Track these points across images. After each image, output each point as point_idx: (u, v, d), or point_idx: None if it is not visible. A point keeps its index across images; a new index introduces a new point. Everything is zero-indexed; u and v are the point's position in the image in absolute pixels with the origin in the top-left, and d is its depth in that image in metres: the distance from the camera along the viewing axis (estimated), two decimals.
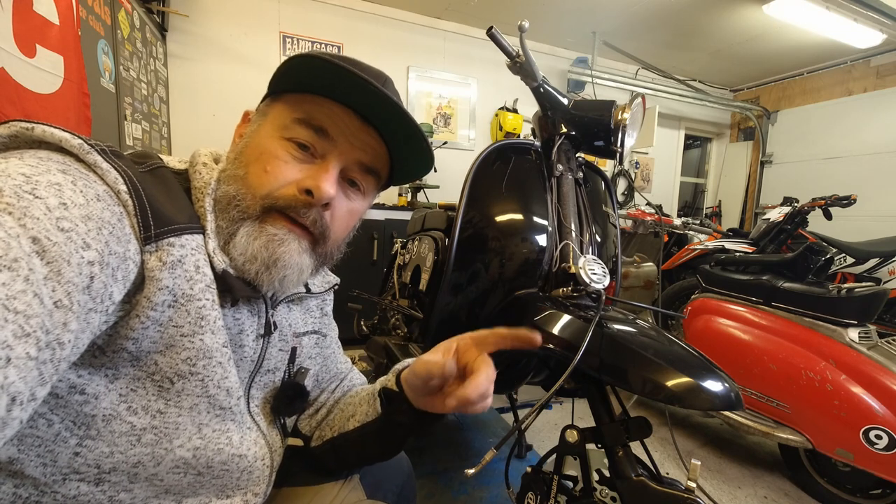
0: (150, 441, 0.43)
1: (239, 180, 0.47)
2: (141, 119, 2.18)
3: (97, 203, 0.36)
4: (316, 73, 0.47)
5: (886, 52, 3.62)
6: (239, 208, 0.47)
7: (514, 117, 3.49)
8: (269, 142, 0.48)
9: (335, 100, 0.49)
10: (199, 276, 0.43)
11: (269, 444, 0.55)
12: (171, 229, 0.41)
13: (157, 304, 0.40)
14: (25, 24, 1.19)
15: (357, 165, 0.51)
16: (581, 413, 1.10)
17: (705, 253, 2.65)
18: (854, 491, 1.43)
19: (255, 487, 0.55)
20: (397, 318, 1.59)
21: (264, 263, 0.47)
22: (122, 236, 0.37)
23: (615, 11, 3.26)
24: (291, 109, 0.49)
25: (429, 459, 1.57)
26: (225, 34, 2.87)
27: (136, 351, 0.41)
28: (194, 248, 0.43)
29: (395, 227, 2.76)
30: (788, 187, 4.25)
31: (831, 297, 1.45)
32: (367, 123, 0.51)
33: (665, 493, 0.66)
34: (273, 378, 0.57)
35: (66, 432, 0.39)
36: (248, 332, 0.51)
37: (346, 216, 0.53)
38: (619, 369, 0.68)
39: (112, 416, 0.41)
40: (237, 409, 0.50)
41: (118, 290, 0.37)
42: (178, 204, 0.45)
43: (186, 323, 0.42)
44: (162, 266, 0.40)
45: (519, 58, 0.94)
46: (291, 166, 0.48)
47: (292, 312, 0.59)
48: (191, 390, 0.45)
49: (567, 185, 0.97)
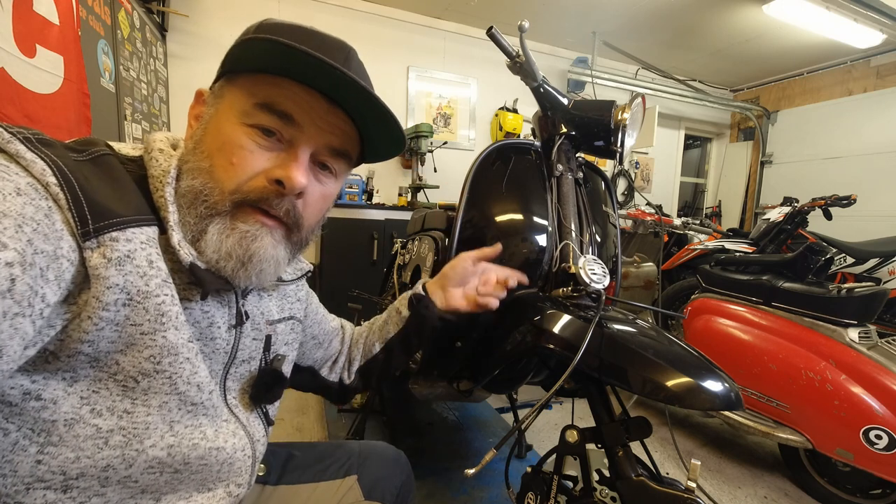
0: (118, 443, 0.42)
1: (204, 173, 0.45)
2: (141, 119, 2.18)
3: (16, 198, 0.33)
4: (273, 54, 0.44)
5: (886, 52, 3.62)
6: (206, 204, 0.44)
7: (514, 117, 3.49)
8: (230, 129, 0.45)
9: (297, 80, 0.46)
10: (154, 272, 0.41)
11: (248, 434, 0.55)
12: (112, 223, 0.38)
13: (108, 303, 0.38)
14: (25, 24, 1.19)
15: (327, 149, 0.49)
16: (581, 413, 1.10)
17: (705, 253, 2.65)
18: (854, 491, 1.43)
19: (236, 478, 0.54)
20: None
21: (240, 260, 0.45)
22: (51, 233, 0.35)
23: (615, 11, 3.26)
24: (250, 93, 0.46)
25: (429, 459, 1.57)
26: (225, 34, 2.86)
27: (93, 352, 0.39)
28: (143, 241, 0.41)
29: (395, 227, 2.76)
30: (788, 187, 4.25)
31: (831, 297, 1.45)
32: (334, 104, 0.48)
33: (665, 493, 0.66)
34: (249, 368, 0.56)
35: (25, 440, 0.38)
36: (218, 323, 0.49)
37: (319, 201, 0.51)
38: (619, 369, 0.68)
39: (74, 420, 0.39)
40: (209, 404, 0.49)
41: (52, 292, 0.35)
42: (124, 195, 0.41)
43: (146, 321, 0.40)
44: (107, 263, 0.38)
45: (519, 58, 0.94)
46: (258, 155, 0.45)
47: (263, 300, 0.58)
48: (158, 388, 0.43)
49: (567, 185, 0.97)
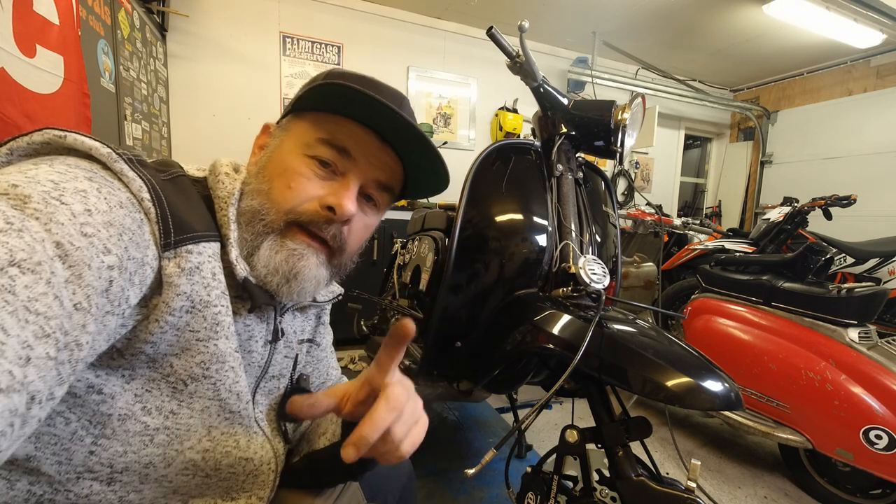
0: (162, 441, 0.44)
1: (263, 195, 0.49)
2: (141, 119, 2.18)
3: (119, 210, 0.37)
4: (340, 97, 0.49)
5: (886, 52, 3.62)
6: (263, 222, 0.48)
7: (514, 117, 3.49)
8: (292, 158, 0.50)
9: (356, 120, 0.51)
10: (216, 283, 0.45)
11: (273, 448, 0.56)
12: (190, 237, 0.43)
13: (175, 309, 0.41)
14: (25, 24, 1.19)
15: (374, 183, 0.54)
16: (581, 413, 1.10)
17: (705, 253, 2.65)
18: (854, 491, 1.43)
19: (259, 491, 0.56)
20: (397, 318, 1.59)
21: (285, 276, 0.49)
22: (142, 242, 0.39)
23: (615, 11, 3.25)
24: (315, 129, 0.51)
25: (429, 459, 1.57)
26: (225, 34, 2.87)
27: (153, 353, 0.42)
28: (210, 255, 0.45)
29: (395, 227, 2.76)
30: (788, 187, 4.25)
31: (831, 297, 1.45)
32: (385, 143, 0.53)
33: (665, 493, 0.66)
34: (277, 384, 0.58)
35: (83, 431, 0.40)
36: (256, 338, 0.52)
37: (362, 230, 0.55)
38: (619, 369, 0.68)
39: (127, 416, 0.42)
40: (245, 414, 0.51)
41: (134, 294, 0.38)
42: (197, 212, 0.46)
43: (203, 328, 0.44)
44: (180, 272, 0.41)
45: (519, 58, 0.94)
46: (314, 183, 0.50)
47: (297, 319, 0.61)
48: (203, 393, 0.46)
49: (567, 185, 0.97)
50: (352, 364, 2.47)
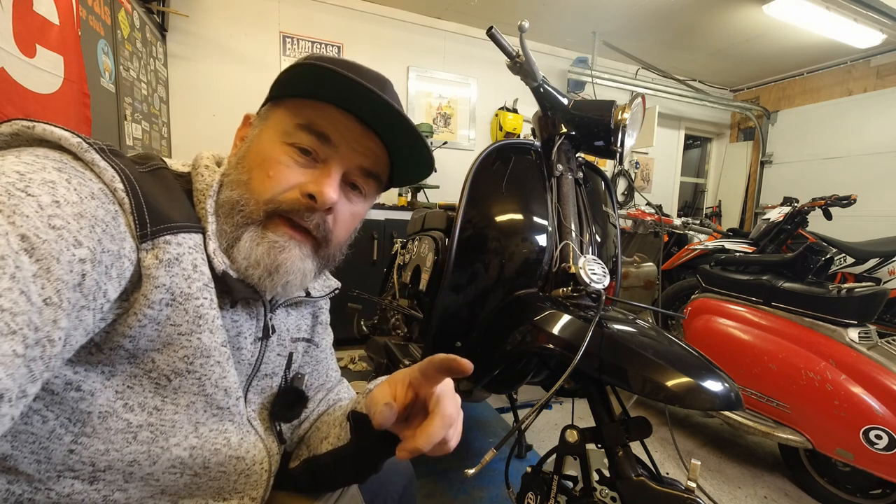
0: (145, 439, 0.43)
1: (242, 185, 0.48)
2: (141, 119, 2.18)
3: (91, 201, 0.36)
4: (318, 81, 0.48)
5: (886, 52, 3.62)
6: (243, 213, 0.47)
7: (514, 117, 3.49)
8: (271, 147, 0.49)
9: (336, 105, 0.49)
10: (197, 275, 0.43)
11: (266, 448, 0.55)
12: (167, 227, 0.41)
13: (154, 302, 0.40)
14: (25, 24, 1.19)
15: (358, 170, 0.52)
16: (581, 413, 1.10)
17: (705, 253, 2.65)
18: (854, 491, 1.43)
19: (252, 491, 0.54)
20: (397, 318, 1.59)
21: (267, 269, 0.47)
22: (117, 234, 0.38)
23: (615, 11, 3.26)
24: (293, 115, 0.49)
25: (429, 459, 1.57)
26: (225, 34, 2.87)
27: (133, 349, 0.41)
28: (191, 246, 0.43)
29: (395, 227, 2.76)
30: (788, 187, 4.25)
31: (831, 297, 1.45)
32: (368, 128, 0.51)
33: (665, 493, 0.66)
34: (270, 383, 0.57)
35: (61, 429, 0.39)
36: (245, 334, 0.51)
37: (348, 219, 0.53)
38: (619, 369, 0.68)
39: (108, 413, 0.41)
40: (236, 411, 0.50)
41: (113, 288, 0.37)
42: (177, 204, 0.45)
43: (184, 321, 0.43)
44: (158, 264, 0.40)
45: (519, 58, 0.94)
46: (294, 171, 0.48)
47: (290, 317, 0.60)
48: (187, 388, 0.45)
49: (567, 185, 0.97)
50: (352, 364, 2.46)
